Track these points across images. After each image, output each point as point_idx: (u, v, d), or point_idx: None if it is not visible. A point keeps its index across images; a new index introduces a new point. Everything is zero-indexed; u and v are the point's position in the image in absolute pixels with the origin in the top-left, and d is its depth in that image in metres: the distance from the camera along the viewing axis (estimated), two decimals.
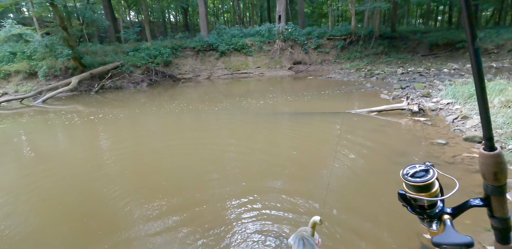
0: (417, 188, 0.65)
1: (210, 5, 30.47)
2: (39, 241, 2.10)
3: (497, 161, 0.56)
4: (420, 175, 0.65)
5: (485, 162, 0.58)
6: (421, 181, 0.63)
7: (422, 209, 0.70)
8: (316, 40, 17.15)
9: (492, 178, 0.58)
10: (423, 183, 0.63)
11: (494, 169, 0.57)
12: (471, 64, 0.52)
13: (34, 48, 11.94)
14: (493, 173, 0.57)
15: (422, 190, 0.65)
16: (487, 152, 0.57)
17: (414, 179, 0.65)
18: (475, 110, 4.28)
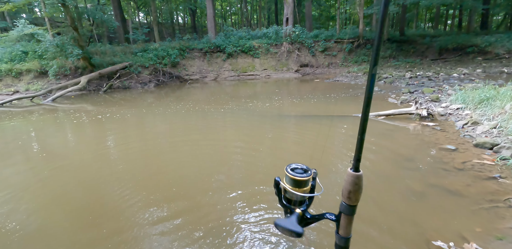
0: (291, 181, 0.72)
1: (218, 7, 30.70)
2: (43, 238, 2.12)
3: (355, 182, 0.63)
4: (299, 172, 0.72)
5: (347, 180, 0.65)
6: (296, 176, 0.71)
7: (289, 202, 0.77)
8: (323, 43, 17.11)
9: (346, 195, 0.65)
10: (297, 177, 0.70)
11: (350, 187, 0.64)
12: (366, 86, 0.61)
13: (45, 48, 12.16)
14: (348, 190, 0.64)
15: (295, 185, 0.71)
16: (352, 172, 0.64)
17: (292, 172, 0.72)
18: (485, 116, 4.20)
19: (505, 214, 2.13)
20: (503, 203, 2.27)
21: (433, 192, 2.50)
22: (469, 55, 14.73)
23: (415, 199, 2.42)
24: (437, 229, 2.01)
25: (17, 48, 13.50)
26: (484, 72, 11.07)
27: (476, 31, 18.37)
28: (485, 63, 13.14)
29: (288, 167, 0.73)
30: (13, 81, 12.36)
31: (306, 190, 0.72)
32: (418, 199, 2.41)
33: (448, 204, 2.31)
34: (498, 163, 2.93)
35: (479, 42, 14.71)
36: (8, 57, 13.07)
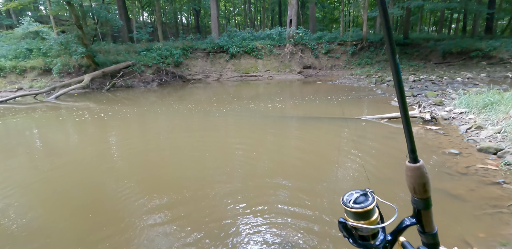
0: (357, 215, 0.60)
1: (222, 8, 30.77)
2: (42, 235, 2.11)
3: (424, 172, 0.57)
4: (360, 200, 0.61)
5: (413, 175, 0.58)
6: (360, 207, 0.60)
7: (365, 239, 0.64)
8: (326, 45, 17.10)
9: (421, 190, 0.58)
10: (362, 209, 0.59)
11: (422, 180, 0.57)
12: (393, 78, 0.54)
13: (49, 46, 12.22)
14: (422, 184, 0.57)
15: (362, 218, 0.60)
16: (413, 164, 0.58)
17: (353, 205, 0.61)
18: (489, 121, 4.17)
19: (509, 220, 2.10)
20: (507, 208, 2.24)
21: (436, 196, 2.48)
22: (473, 60, 14.67)
23: None
24: (440, 233, 1.98)
25: (21, 45, 13.58)
26: (488, 77, 11.02)
27: (481, 35, 18.30)
28: (490, 68, 13.08)
29: (346, 201, 0.61)
30: (17, 78, 12.42)
31: (377, 218, 0.62)
32: None
33: (451, 208, 2.29)
34: (502, 168, 2.91)
35: (483, 47, 14.65)
36: (12, 55, 13.15)
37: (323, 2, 27.53)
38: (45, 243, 2.02)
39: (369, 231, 0.62)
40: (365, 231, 0.61)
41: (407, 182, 0.59)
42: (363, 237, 0.63)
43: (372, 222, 0.61)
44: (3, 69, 12.23)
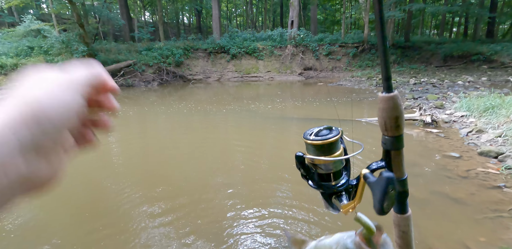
0: (317, 148, 0.51)
1: (224, 9, 30.83)
2: (40, 232, 2.10)
3: (398, 103, 0.48)
4: (323, 133, 0.52)
5: (386, 107, 0.48)
6: (321, 138, 0.50)
7: (324, 180, 0.54)
8: (327, 47, 17.12)
9: (394, 124, 0.49)
10: (323, 141, 0.50)
11: (395, 112, 0.48)
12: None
13: (51, 44, 12.24)
14: (394, 118, 0.48)
15: (323, 152, 0.51)
16: (387, 94, 0.48)
17: (314, 137, 0.52)
18: (490, 125, 4.16)
19: (509, 224, 2.09)
20: (507, 213, 2.23)
21: (436, 200, 2.46)
22: (474, 63, 14.69)
23: (417, 206, 2.38)
24: (439, 237, 1.97)
25: (23, 43, 13.58)
26: (489, 81, 11.03)
27: (482, 39, 18.34)
28: (491, 72, 13.09)
29: (307, 134, 0.52)
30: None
31: (341, 155, 0.53)
32: (421, 206, 2.37)
33: (452, 212, 2.27)
34: (503, 172, 2.89)
35: (484, 51, 14.68)
36: (14, 52, 13.14)
37: (325, 4, 27.61)
38: (43, 243, 2.00)
39: (330, 168, 0.53)
40: (325, 168, 0.53)
41: (378, 118, 0.49)
42: (323, 177, 0.54)
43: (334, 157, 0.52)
44: (4, 67, 12.23)
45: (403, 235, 0.53)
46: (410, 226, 0.53)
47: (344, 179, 0.55)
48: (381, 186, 0.45)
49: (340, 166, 0.54)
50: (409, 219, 0.53)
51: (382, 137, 0.51)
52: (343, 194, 0.55)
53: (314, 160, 0.52)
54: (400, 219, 0.53)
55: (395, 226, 0.54)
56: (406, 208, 0.53)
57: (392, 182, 0.45)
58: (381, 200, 0.45)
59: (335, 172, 0.53)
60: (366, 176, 0.49)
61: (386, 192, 0.44)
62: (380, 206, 0.45)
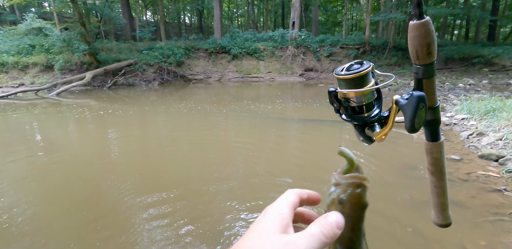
0: (349, 82, 0.52)
1: (225, 9, 30.86)
2: (40, 231, 2.09)
3: (429, 29, 0.46)
4: (354, 67, 0.52)
5: (417, 34, 0.47)
6: (353, 72, 0.50)
7: (356, 112, 0.56)
8: (328, 48, 17.12)
9: (425, 52, 0.48)
10: (354, 74, 0.50)
11: (427, 39, 0.47)
12: None
13: (52, 42, 12.23)
14: (426, 45, 0.47)
15: (355, 85, 0.52)
16: (418, 21, 0.47)
17: (346, 71, 0.52)
18: (491, 128, 4.16)
19: (510, 228, 2.08)
20: (508, 216, 2.22)
21: None
22: (475, 66, 14.68)
23: (418, 208, 2.38)
24: (440, 240, 1.96)
25: (24, 41, 13.58)
26: (490, 84, 11.02)
27: (483, 42, 18.34)
28: (492, 75, 13.09)
29: (339, 70, 0.53)
30: (19, 74, 12.41)
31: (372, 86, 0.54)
32: (421, 209, 2.36)
33: (452, 215, 2.26)
34: (504, 175, 2.89)
35: (485, 53, 14.68)
36: (15, 50, 13.14)
37: (326, 5, 27.63)
38: (41, 241, 1.99)
39: (362, 100, 0.53)
40: (357, 100, 0.53)
41: (409, 46, 0.49)
42: (355, 109, 0.56)
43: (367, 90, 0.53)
44: (5, 64, 12.23)
45: (436, 161, 0.55)
46: (442, 153, 0.54)
47: (376, 111, 0.56)
48: (412, 104, 0.46)
49: (371, 97, 0.54)
50: (441, 145, 0.54)
51: (413, 66, 0.51)
52: (376, 124, 0.56)
53: (346, 93, 0.53)
54: (433, 146, 0.54)
55: (428, 154, 0.56)
56: (438, 135, 0.54)
57: (423, 100, 0.45)
58: (412, 117, 0.45)
59: (367, 104, 0.54)
60: (397, 101, 0.50)
61: (416, 109, 0.45)
62: (411, 124, 0.46)
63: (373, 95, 0.54)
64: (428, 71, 0.49)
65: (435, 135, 0.54)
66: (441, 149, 0.54)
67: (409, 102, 0.46)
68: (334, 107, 0.56)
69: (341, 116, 0.56)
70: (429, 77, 0.50)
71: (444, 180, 0.56)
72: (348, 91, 0.52)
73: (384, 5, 17.49)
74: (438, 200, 0.57)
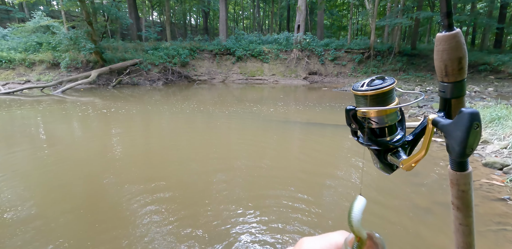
0: (370, 99, 0.45)
1: (231, 11, 31.03)
2: (39, 228, 2.09)
3: (461, 42, 0.41)
4: (376, 83, 0.46)
5: (447, 47, 0.42)
6: (374, 88, 0.44)
7: (377, 135, 0.49)
8: (333, 52, 17.12)
9: (456, 67, 0.42)
10: (376, 90, 0.44)
11: (458, 53, 0.41)
12: None
13: (59, 40, 12.35)
14: (457, 59, 0.41)
15: (377, 103, 0.45)
16: (448, 33, 0.41)
17: (366, 87, 0.46)
18: (496, 136, 4.12)
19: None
20: (511, 226, 2.19)
21: (439, 209, 2.43)
22: (481, 73, 14.60)
23: (420, 215, 2.35)
24: (442, 248, 1.94)
25: (32, 39, 13.73)
26: (496, 91, 10.95)
27: (489, 49, 18.24)
28: (497, 82, 13.00)
29: (358, 86, 0.47)
30: (25, 71, 12.53)
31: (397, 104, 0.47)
32: (424, 216, 2.34)
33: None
34: (508, 184, 2.85)
35: (492, 61, 14.59)
36: (22, 47, 13.28)
37: (332, 9, 27.68)
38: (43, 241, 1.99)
39: (385, 121, 0.47)
40: (379, 121, 0.47)
41: (436, 61, 0.43)
42: (376, 132, 0.49)
43: (390, 110, 0.46)
44: (13, 61, 12.35)
45: (463, 195, 0.47)
46: (470, 185, 0.47)
47: (400, 134, 0.49)
48: (464, 124, 0.38)
49: (395, 119, 0.48)
50: (469, 176, 0.46)
51: (440, 84, 0.45)
52: (400, 150, 0.49)
53: (367, 112, 0.46)
54: (460, 176, 0.46)
55: (453, 185, 0.48)
56: (466, 164, 0.46)
57: (478, 118, 0.38)
58: (465, 140, 0.37)
59: (389, 126, 0.48)
60: (437, 120, 0.42)
61: (470, 129, 0.37)
62: (462, 148, 0.38)
63: (397, 116, 0.48)
64: (458, 90, 0.43)
65: (463, 163, 0.45)
66: (469, 180, 0.47)
67: (458, 122, 0.39)
68: (351, 128, 0.49)
69: (358, 139, 0.50)
70: (459, 96, 0.43)
71: (471, 217, 0.48)
72: (370, 110, 0.46)
73: (390, 10, 17.49)
74: (463, 239, 0.49)
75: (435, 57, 0.43)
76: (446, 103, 0.43)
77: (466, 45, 0.42)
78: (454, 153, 0.40)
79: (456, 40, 0.41)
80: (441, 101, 0.44)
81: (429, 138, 0.44)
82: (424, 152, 0.44)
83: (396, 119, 0.47)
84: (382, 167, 0.50)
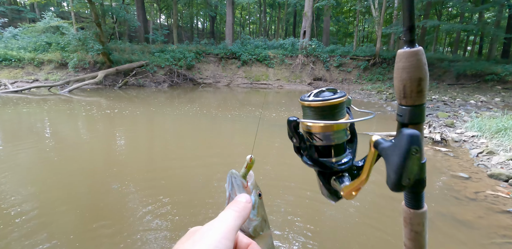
0: (316, 112, 0.40)
1: (238, 15, 31.33)
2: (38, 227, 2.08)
3: (422, 61, 0.37)
4: (325, 95, 0.40)
5: (406, 65, 0.37)
6: (322, 99, 0.39)
7: (326, 155, 0.42)
8: (338, 59, 17.15)
9: (415, 89, 0.37)
10: (323, 102, 0.39)
11: (418, 73, 0.37)
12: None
13: (68, 41, 12.54)
14: (417, 80, 0.37)
15: (324, 117, 0.40)
16: (409, 49, 0.37)
17: (313, 97, 0.40)
18: (502, 147, 4.06)
19: None
20: None
21: (442, 220, 2.38)
22: (488, 83, 14.48)
23: None
24: None
25: (41, 39, 13.96)
26: (503, 102, 10.83)
27: (497, 59, 18.12)
28: (504, 93, 12.87)
29: (306, 96, 0.41)
30: (34, 70, 12.72)
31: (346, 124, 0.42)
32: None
33: (458, 235, 2.19)
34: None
35: (499, 71, 14.47)
36: (32, 47, 13.51)
37: (338, 16, 27.84)
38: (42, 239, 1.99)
39: (331, 139, 0.40)
40: (324, 138, 0.40)
41: (395, 80, 0.39)
42: (321, 151, 0.42)
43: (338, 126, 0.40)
44: (22, 60, 12.55)
45: (416, 236, 0.42)
46: (425, 226, 0.42)
47: (348, 157, 0.43)
48: (400, 147, 0.33)
49: (343, 137, 0.42)
50: (424, 216, 0.41)
51: (398, 107, 0.39)
52: (346, 175, 0.43)
53: (311, 127, 0.41)
54: (413, 215, 0.41)
55: (406, 225, 0.42)
56: (421, 201, 0.41)
57: (417, 142, 0.33)
58: (401, 167, 0.33)
59: (336, 145, 0.42)
60: (378, 142, 0.37)
61: (407, 154, 0.33)
62: (397, 178, 0.34)
63: (346, 135, 0.42)
64: (416, 115, 0.38)
65: (418, 200, 0.41)
66: (424, 220, 0.41)
67: (396, 145, 0.34)
68: (293, 143, 0.43)
69: (302, 158, 0.43)
70: (417, 123, 0.38)
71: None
72: (314, 123, 0.40)
73: (397, 18, 17.53)
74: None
75: (394, 75, 0.39)
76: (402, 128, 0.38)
77: (427, 66, 0.38)
78: (389, 183, 0.35)
79: (417, 58, 0.37)
80: (398, 126, 0.39)
81: (371, 163, 0.38)
82: (364, 177, 0.39)
83: (344, 139, 0.42)
84: (327, 193, 0.44)
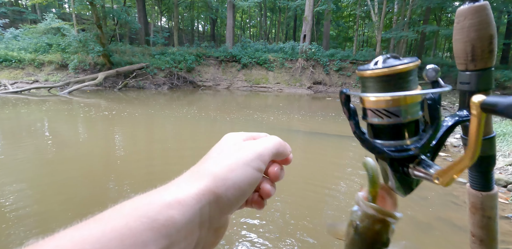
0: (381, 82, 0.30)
1: (238, 19, 31.53)
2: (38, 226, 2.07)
3: (491, 17, 0.30)
4: (390, 61, 0.30)
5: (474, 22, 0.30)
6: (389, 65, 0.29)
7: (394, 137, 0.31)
8: (338, 63, 17.24)
9: (487, 48, 0.30)
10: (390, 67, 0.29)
11: (488, 30, 0.30)
12: None
13: (69, 42, 12.58)
14: (488, 38, 0.30)
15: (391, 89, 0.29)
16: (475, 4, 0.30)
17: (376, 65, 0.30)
18: (501, 152, 4.08)
19: None
20: None
21: (440, 225, 2.38)
22: None
23: (421, 230, 2.30)
24: None
25: (42, 40, 14.00)
26: None
27: (496, 65, 18.19)
28: None
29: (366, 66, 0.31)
30: (34, 71, 12.73)
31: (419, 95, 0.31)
32: (424, 231, 2.29)
33: (456, 240, 2.19)
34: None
35: (498, 77, 14.57)
36: (33, 48, 13.53)
37: (338, 20, 28.05)
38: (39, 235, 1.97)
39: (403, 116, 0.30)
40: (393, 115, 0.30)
41: (457, 42, 0.32)
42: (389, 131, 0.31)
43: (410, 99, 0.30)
44: (22, 61, 12.57)
45: (489, 222, 0.34)
46: (496, 209, 0.34)
47: (425, 137, 0.31)
48: None
49: (417, 113, 0.31)
50: (495, 198, 0.34)
51: (461, 75, 0.33)
52: (424, 158, 0.31)
53: (376, 101, 0.31)
54: (486, 198, 0.34)
55: (475, 211, 0.34)
56: (492, 181, 0.34)
57: None
58: None
59: (410, 122, 0.31)
60: (488, 103, 0.25)
61: None
62: None
63: (420, 110, 0.32)
64: (486, 80, 0.32)
65: (489, 180, 0.34)
66: (496, 203, 0.34)
67: None
68: (352, 128, 0.33)
69: (361, 141, 0.32)
70: (487, 89, 0.32)
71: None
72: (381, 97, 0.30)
73: (396, 23, 17.68)
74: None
75: (456, 38, 0.32)
76: (470, 98, 0.28)
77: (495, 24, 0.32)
78: None
79: (486, 13, 0.30)
80: (462, 96, 0.33)
81: (479, 133, 0.27)
82: (471, 155, 0.28)
83: (419, 115, 0.31)
84: (397, 185, 0.33)
